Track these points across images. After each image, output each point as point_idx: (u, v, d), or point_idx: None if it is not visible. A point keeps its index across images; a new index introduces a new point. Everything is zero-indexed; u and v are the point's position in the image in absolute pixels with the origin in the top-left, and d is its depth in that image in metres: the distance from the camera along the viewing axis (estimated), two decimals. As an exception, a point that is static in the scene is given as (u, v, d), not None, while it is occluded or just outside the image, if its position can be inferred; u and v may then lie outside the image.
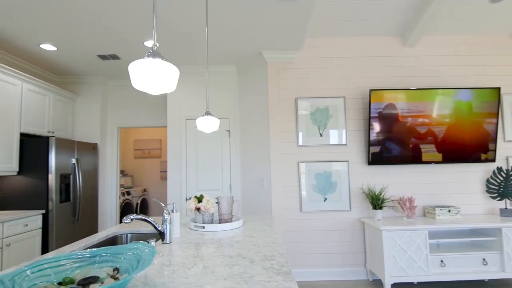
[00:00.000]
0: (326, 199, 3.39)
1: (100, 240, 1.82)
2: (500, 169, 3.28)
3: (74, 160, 3.75)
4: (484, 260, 2.88)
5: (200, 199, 2.08)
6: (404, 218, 3.21)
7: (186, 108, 4.02)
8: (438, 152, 3.31)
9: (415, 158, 3.31)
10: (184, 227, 2.09)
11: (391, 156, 3.32)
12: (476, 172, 3.43)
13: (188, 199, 2.11)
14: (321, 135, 3.45)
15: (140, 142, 6.97)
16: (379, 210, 3.17)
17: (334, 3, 3.00)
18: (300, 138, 3.46)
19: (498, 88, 3.29)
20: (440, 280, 2.83)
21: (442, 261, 2.86)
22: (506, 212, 3.17)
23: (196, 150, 3.96)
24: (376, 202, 3.18)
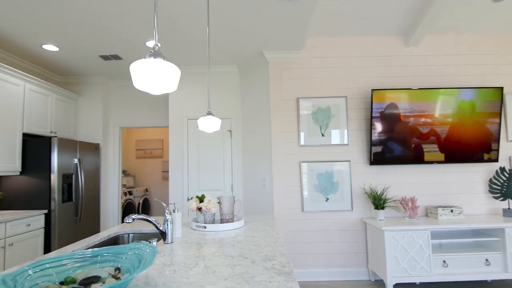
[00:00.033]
0: (328, 199, 3.39)
1: (102, 240, 1.83)
2: (503, 169, 3.26)
3: (76, 160, 3.77)
4: (487, 260, 2.87)
5: (201, 199, 2.09)
6: (406, 218, 3.19)
7: (187, 108, 4.03)
8: (440, 152, 3.30)
9: (417, 158, 3.30)
10: (185, 227, 2.09)
11: (393, 156, 3.31)
12: (479, 172, 3.42)
13: (189, 199, 2.11)
14: (322, 135, 3.45)
15: (142, 142, 6.99)
16: (381, 210, 3.16)
17: (336, 2, 2.99)
18: (302, 138, 3.45)
19: (501, 87, 3.28)
20: (442, 281, 2.83)
21: (444, 261, 2.85)
22: (509, 213, 3.15)
23: (198, 150, 3.97)
24: (378, 202, 3.17)
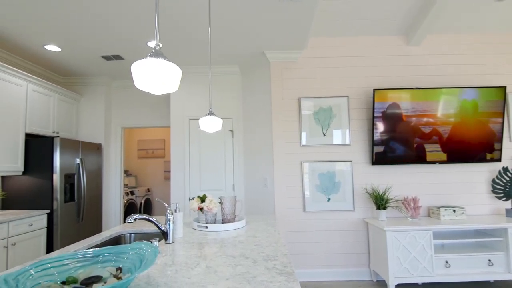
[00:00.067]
0: (329, 199, 3.38)
1: (104, 239, 1.83)
2: (506, 169, 3.24)
3: (78, 160, 3.78)
4: (490, 261, 2.85)
5: (203, 199, 2.09)
6: (409, 219, 3.18)
7: (189, 108, 4.03)
8: (443, 152, 3.28)
9: (419, 158, 3.29)
10: (187, 227, 2.09)
11: (395, 156, 3.30)
12: (482, 172, 3.40)
13: (191, 199, 2.11)
14: (324, 135, 3.44)
15: (143, 142, 7.00)
16: (383, 211, 3.15)
17: (336, 2, 2.98)
18: (304, 138, 3.45)
19: (504, 87, 3.26)
20: (445, 281, 2.81)
21: (447, 262, 2.84)
22: (512, 213, 3.14)
23: (199, 150, 3.97)
24: (380, 202, 3.16)
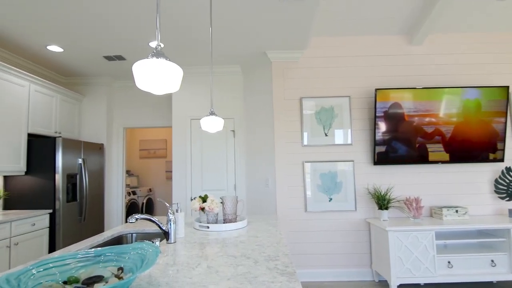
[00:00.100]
0: (331, 199, 3.37)
1: (105, 239, 1.83)
2: (508, 169, 3.23)
3: (80, 160, 3.79)
4: (493, 261, 2.84)
5: (204, 199, 2.09)
6: (411, 219, 3.17)
7: (191, 108, 4.03)
8: (445, 152, 3.27)
9: (421, 158, 3.27)
10: (188, 227, 2.10)
11: (397, 155, 3.29)
12: (484, 172, 3.38)
13: (192, 199, 2.11)
14: (326, 135, 3.43)
15: (145, 142, 7.02)
16: (385, 211, 3.14)
17: (338, 2, 2.97)
18: (305, 138, 3.44)
19: (506, 86, 3.24)
20: (447, 282, 2.80)
21: (449, 262, 2.83)
22: (515, 213, 3.12)
23: (201, 150, 3.97)
24: (382, 202, 3.15)
